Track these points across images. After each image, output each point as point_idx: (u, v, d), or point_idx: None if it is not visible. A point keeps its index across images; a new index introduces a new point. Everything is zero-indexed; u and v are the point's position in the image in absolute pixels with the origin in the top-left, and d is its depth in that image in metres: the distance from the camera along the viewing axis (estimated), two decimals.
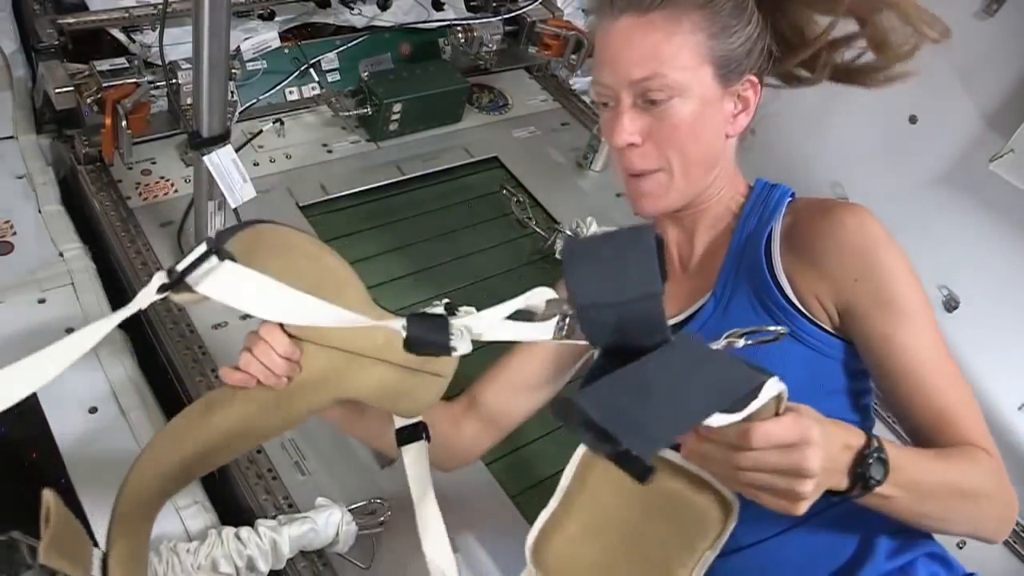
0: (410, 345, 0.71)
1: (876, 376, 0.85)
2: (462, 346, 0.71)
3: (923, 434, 0.82)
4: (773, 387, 0.58)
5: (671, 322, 0.93)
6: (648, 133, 0.85)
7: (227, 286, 0.68)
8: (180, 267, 0.69)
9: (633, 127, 0.84)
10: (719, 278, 0.90)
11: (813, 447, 0.61)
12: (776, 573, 0.86)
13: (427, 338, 0.71)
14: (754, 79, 0.87)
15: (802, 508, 0.63)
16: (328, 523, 1.03)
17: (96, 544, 0.78)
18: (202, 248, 0.69)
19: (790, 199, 0.91)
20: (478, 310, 0.77)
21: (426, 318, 0.72)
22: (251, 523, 1.02)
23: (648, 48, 0.81)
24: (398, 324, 0.71)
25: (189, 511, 1.07)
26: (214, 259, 0.69)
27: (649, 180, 0.87)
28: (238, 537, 0.98)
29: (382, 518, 1.10)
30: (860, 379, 0.88)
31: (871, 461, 0.68)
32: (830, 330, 0.85)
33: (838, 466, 0.67)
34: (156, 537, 1.01)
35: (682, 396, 0.55)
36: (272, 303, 0.68)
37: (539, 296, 0.70)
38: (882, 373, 0.83)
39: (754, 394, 0.57)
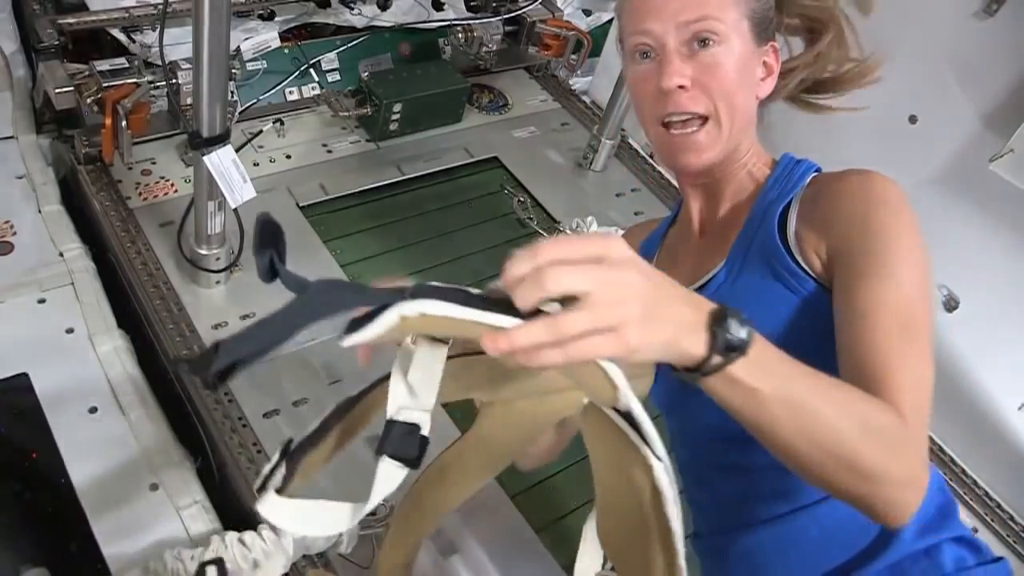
0: None
1: (836, 328, 0.77)
2: None
3: (849, 382, 0.71)
4: (401, 308, 0.53)
5: None
6: (695, 78, 0.85)
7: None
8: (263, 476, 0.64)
9: (683, 69, 0.85)
10: (733, 247, 0.90)
11: (629, 264, 0.53)
12: (794, 551, 0.85)
13: None
14: (776, 45, 0.90)
15: (630, 336, 0.52)
16: None
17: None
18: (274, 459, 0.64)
19: (815, 173, 0.92)
20: None
21: None
22: (253, 527, 1.02)
23: None
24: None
25: (189, 511, 1.07)
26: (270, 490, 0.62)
27: (699, 133, 0.87)
28: (242, 542, 0.98)
29: (383, 517, 1.10)
30: None
31: (731, 319, 0.56)
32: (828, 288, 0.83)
33: (685, 315, 0.56)
34: (158, 543, 1.02)
35: (275, 320, 0.58)
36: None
37: None
38: (839, 321, 0.77)
39: (377, 313, 0.54)
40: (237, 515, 1.12)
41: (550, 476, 1.32)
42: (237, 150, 1.26)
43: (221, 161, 1.22)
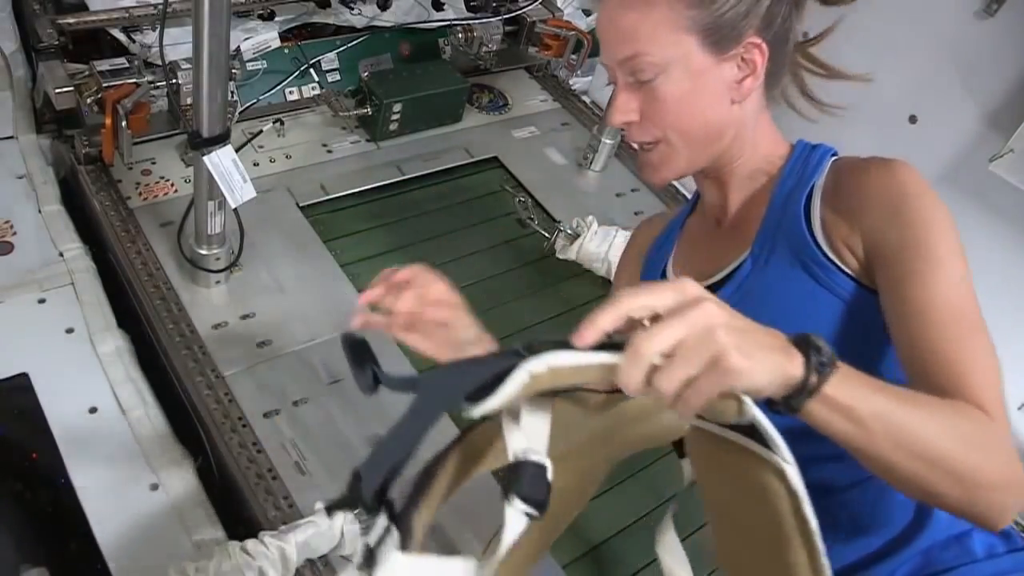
0: None
1: (890, 326, 0.78)
2: None
3: (923, 385, 0.73)
4: (529, 366, 0.53)
5: (708, 283, 0.93)
6: (642, 110, 0.86)
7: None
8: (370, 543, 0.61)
9: (627, 106, 0.86)
10: (757, 237, 0.89)
11: (704, 299, 0.55)
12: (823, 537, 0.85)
13: None
14: (757, 40, 0.84)
15: (732, 363, 0.53)
16: (332, 526, 1.03)
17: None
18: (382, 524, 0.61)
19: (834, 158, 0.91)
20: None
21: None
22: (254, 534, 1.02)
23: (627, 28, 0.82)
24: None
25: (189, 511, 1.07)
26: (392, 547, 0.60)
27: (653, 152, 0.89)
28: (245, 551, 0.98)
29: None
30: None
31: (815, 338, 0.58)
32: (869, 285, 0.83)
33: (775, 341, 0.57)
34: (158, 543, 1.02)
35: (402, 429, 0.57)
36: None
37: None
38: (894, 320, 0.77)
39: (502, 376, 0.53)
40: (237, 515, 1.12)
41: None
42: (237, 150, 1.26)
43: (221, 161, 1.22)
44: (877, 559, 0.84)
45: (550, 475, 0.59)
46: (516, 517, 0.57)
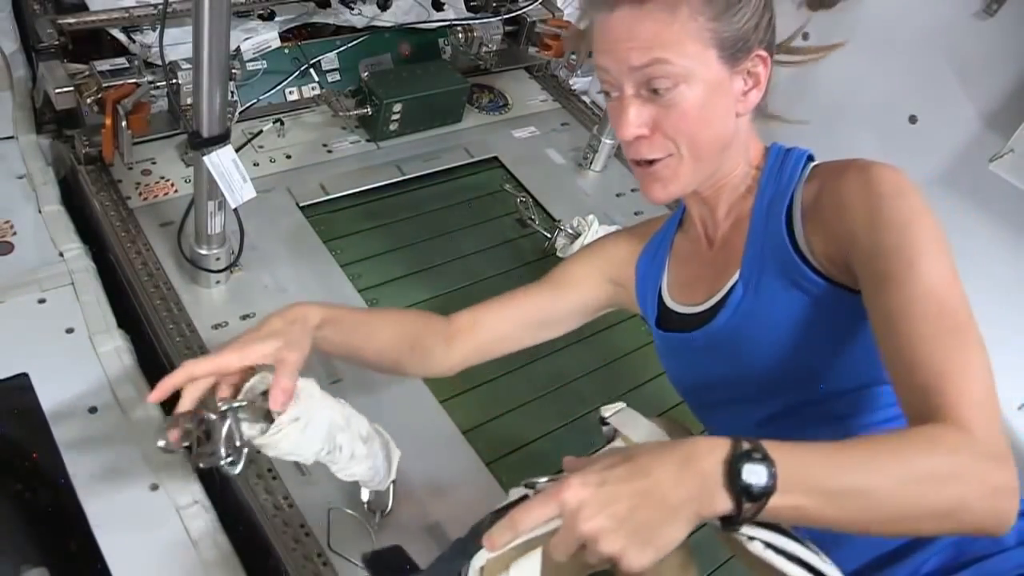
0: None
1: (875, 334, 0.77)
2: None
3: (904, 390, 0.73)
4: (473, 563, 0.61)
5: (703, 308, 0.93)
6: (655, 123, 0.83)
7: None
8: None
9: (639, 119, 0.83)
10: (745, 258, 0.88)
11: (582, 509, 0.58)
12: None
13: None
14: (763, 54, 0.85)
15: (644, 556, 0.58)
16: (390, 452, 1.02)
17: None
18: None
19: (813, 164, 0.89)
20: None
21: None
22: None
23: (649, 36, 0.80)
24: None
25: (189, 511, 1.07)
26: None
27: (659, 166, 0.86)
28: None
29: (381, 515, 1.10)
30: None
31: (743, 465, 0.58)
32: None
33: (697, 487, 0.59)
34: (158, 543, 1.01)
35: None
36: None
37: None
38: (875, 328, 0.76)
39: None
40: (237, 515, 1.12)
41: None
42: (237, 150, 1.26)
43: (221, 161, 1.22)
44: (910, 550, 0.83)
45: None
46: None
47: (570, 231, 1.66)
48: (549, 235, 1.68)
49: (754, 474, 0.58)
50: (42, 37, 1.50)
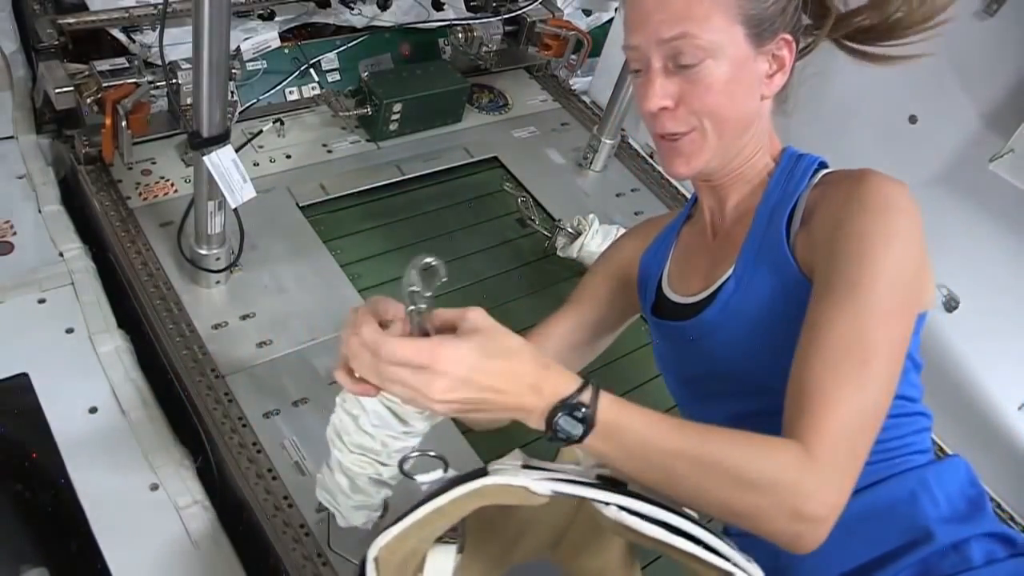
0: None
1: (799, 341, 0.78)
2: None
3: (786, 405, 0.75)
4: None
5: (696, 299, 0.94)
6: (680, 96, 0.84)
7: None
8: None
9: (664, 91, 0.83)
10: (741, 254, 0.89)
11: (437, 377, 0.64)
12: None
13: None
14: (788, 38, 0.86)
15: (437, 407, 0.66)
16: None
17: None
18: None
19: (824, 171, 0.89)
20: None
21: None
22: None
23: (679, 9, 0.80)
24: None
25: (189, 511, 1.07)
26: None
27: (683, 140, 0.86)
28: None
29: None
30: None
31: (563, 416, 0.66)
32: None
33: (521, 403, 0.67)
34: (158, 543, 1.01)
35: None
36: None
37: None
38: (800, 334, 0.77)
39: None
40: (237, 515, 1.12)
41: None
42: (237, 150, 1.26)
43: (221, 161, 1.22)
44: (875, 568, 0.83)
45: None
46: None
47: (570, 230, 1.66)
48: (549, 234, 1.68)
49: (568, 426, 0.66)
50: (42, 37, 1.50)
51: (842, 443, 0.69)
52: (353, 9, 1.83)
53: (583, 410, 0.67)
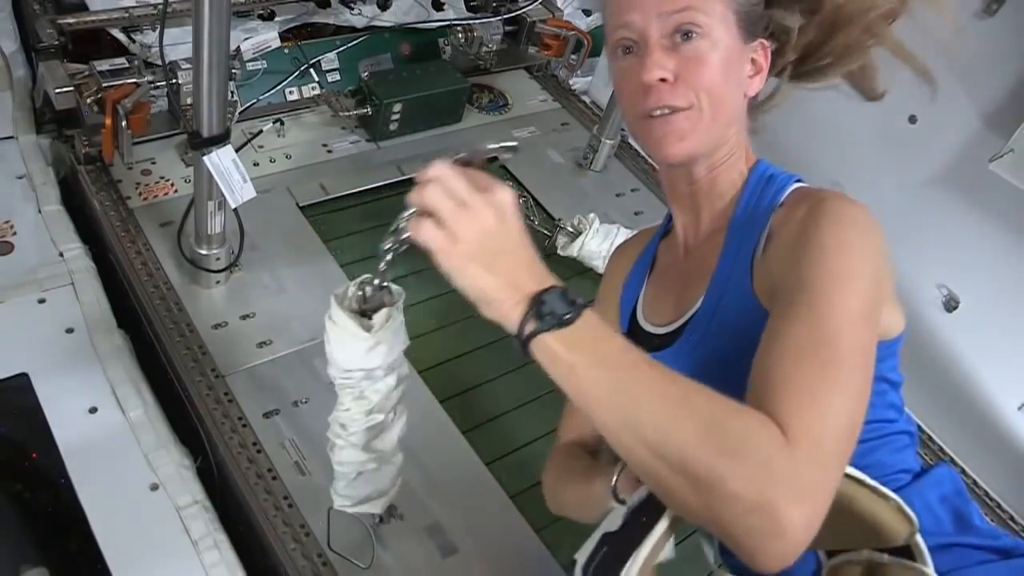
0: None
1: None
2: None
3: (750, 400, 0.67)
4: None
5: (670, 329, 0.92)
6: (678, 73, 0.83)
7: None
8: None
9: (663, 62, 0.82)
10: (710, 286, 0.87)
11: (476, 216, 0.64)
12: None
13: None
14: (767, 44, 0.87)
15: (449, 259, 0.65)
16: None
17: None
18: None
19: (797, 185, 0.87)
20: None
21: None
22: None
23: None
24: None
25: (189, 511, 1.07)
26: None
27: (679, 116, 0.84)
28: None
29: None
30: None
31: (555, 295, 0.64)
32: None
33: (518, 280, 0.65)
34: (158, 543, 1.01)
35: None
36: None
37: None
38: (758, 347, 0.72)
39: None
40: (237, 515, 1.12)
41: None
42: (237, 150, 1.26)
43: (221, 161, 1.22)
44: None
45: None
46: None
47: (571, 229, 1.66)
48: (549, 234, 1.68)
49: (557, 304, 0.63)
50: (42, 37, 1.50)
51: (820, 445, 0.61)
52: (353, 9, 1.83)
53: (576, 300, 0.64)
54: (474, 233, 0.65)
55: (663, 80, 0.83)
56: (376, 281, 0.83)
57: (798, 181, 0.88)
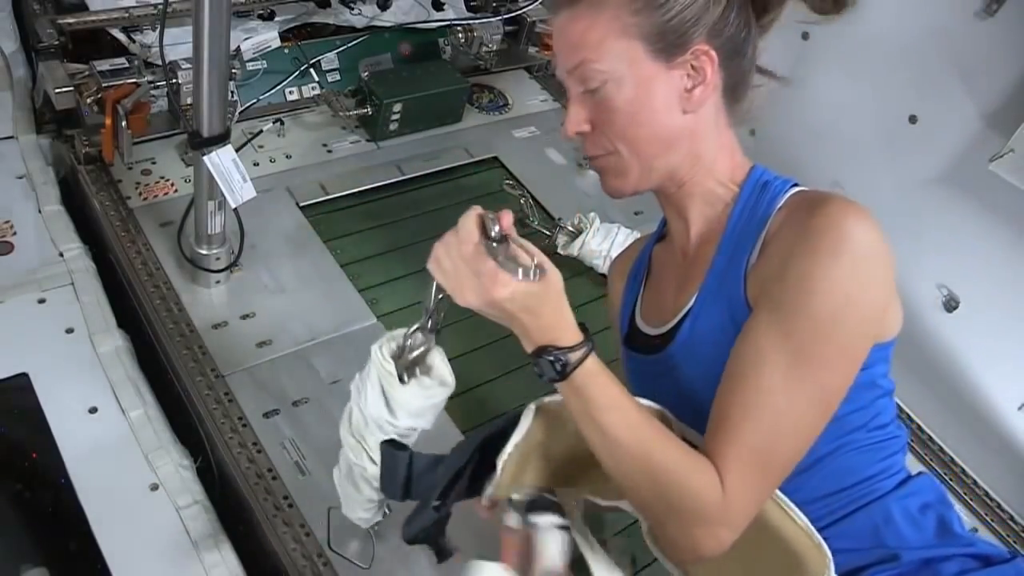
0: None
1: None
2: None
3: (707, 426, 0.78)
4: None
5: (658, 332, 0.93)
6: (593, 121, 0.86)
7: None
8: None
9: (578, 116, 0.86)
10: (701, 290, 0.86)
11: (483, 291, 0.73)
12: None
13: None
14: (705, 47, 0.82)
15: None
16: None
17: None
18: None
19: (795, 190, 0.84)
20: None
21: None
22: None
23: (576, 37, 0.83)
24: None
25: (189, 511, 1.07)
26: None
27: (603, 162, 0.89)
28: None
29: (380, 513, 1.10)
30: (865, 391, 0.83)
31: (547, 359, 0.74)
32: None
33: (525, 330, 0.75)
34: (158, 543, 1.01)
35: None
36: None
37: None
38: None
39: None
40: (237, 515, 1.12)
41: None
42: (237, 150, 1.26)
43: (221, 161, 1.22)
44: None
45: None
46: None
47: (571, 229, 1.66)
48: (549, 233, 1.68)
49: (546, 368, 0.75)
50: (42, 37, 1.50)
51: (740, 474, 0.73)
52: (353, 9, 1.83)
53: (564, 363, 0.74)
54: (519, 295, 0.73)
55: (580, 133, 0.87)
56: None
57: (795, 186, 0.85)
